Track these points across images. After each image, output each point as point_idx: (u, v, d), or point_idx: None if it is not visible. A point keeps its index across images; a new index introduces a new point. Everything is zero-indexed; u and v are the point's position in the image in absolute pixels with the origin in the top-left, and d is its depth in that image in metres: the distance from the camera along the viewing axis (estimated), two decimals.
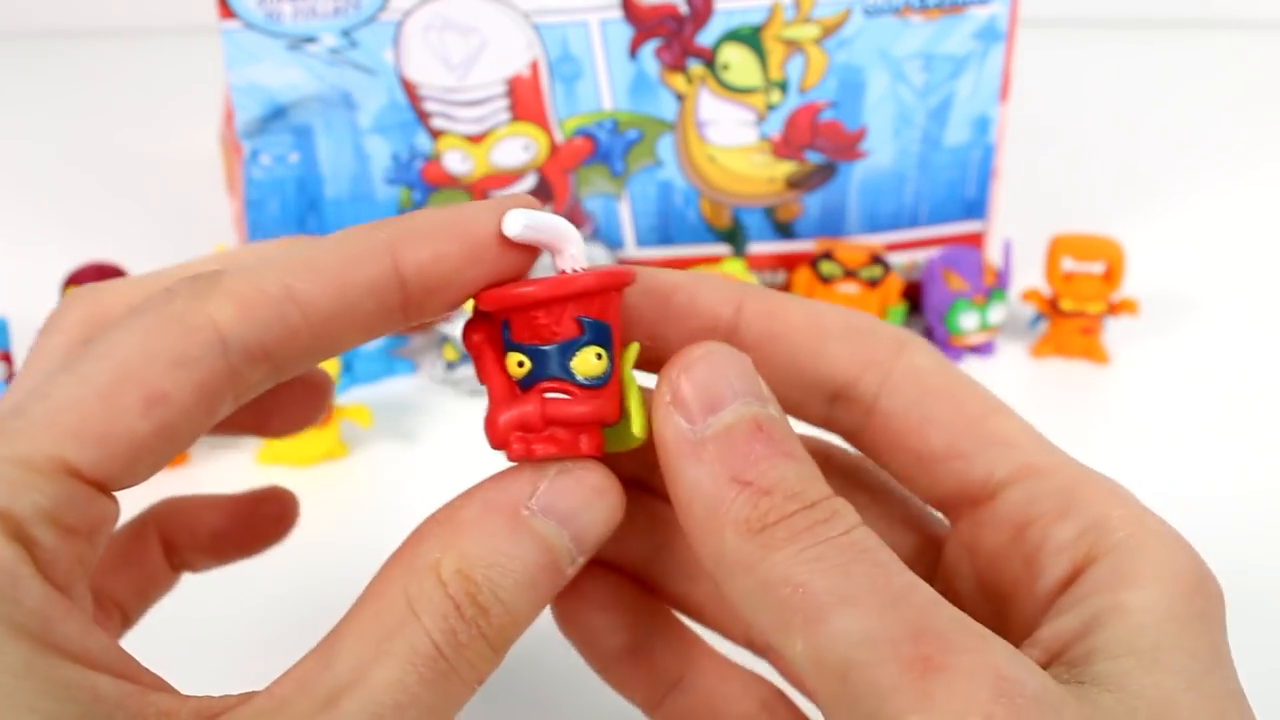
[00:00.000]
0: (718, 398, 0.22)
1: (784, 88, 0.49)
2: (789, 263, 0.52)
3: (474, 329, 0.24)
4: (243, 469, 0.45)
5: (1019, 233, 0.53)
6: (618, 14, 0.47)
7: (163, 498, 0.30)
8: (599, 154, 0.50)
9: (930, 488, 0.25)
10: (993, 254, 0.54)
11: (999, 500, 0.24)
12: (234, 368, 0.21)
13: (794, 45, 0.48)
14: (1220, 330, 0.53)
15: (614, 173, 0.50)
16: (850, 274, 0.49)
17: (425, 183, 0.49)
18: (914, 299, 0.53)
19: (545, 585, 0.22)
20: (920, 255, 0.53)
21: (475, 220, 0.23)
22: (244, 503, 0.30)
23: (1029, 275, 0.53)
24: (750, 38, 0.48)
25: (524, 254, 0.23)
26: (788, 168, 0.51)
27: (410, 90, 0.47)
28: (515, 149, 0.49)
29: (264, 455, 0.45)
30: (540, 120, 0.49)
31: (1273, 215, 0.62)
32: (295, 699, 0.20)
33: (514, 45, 0.47)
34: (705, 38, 0.48)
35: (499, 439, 0.23)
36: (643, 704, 0.28)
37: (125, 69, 0.76)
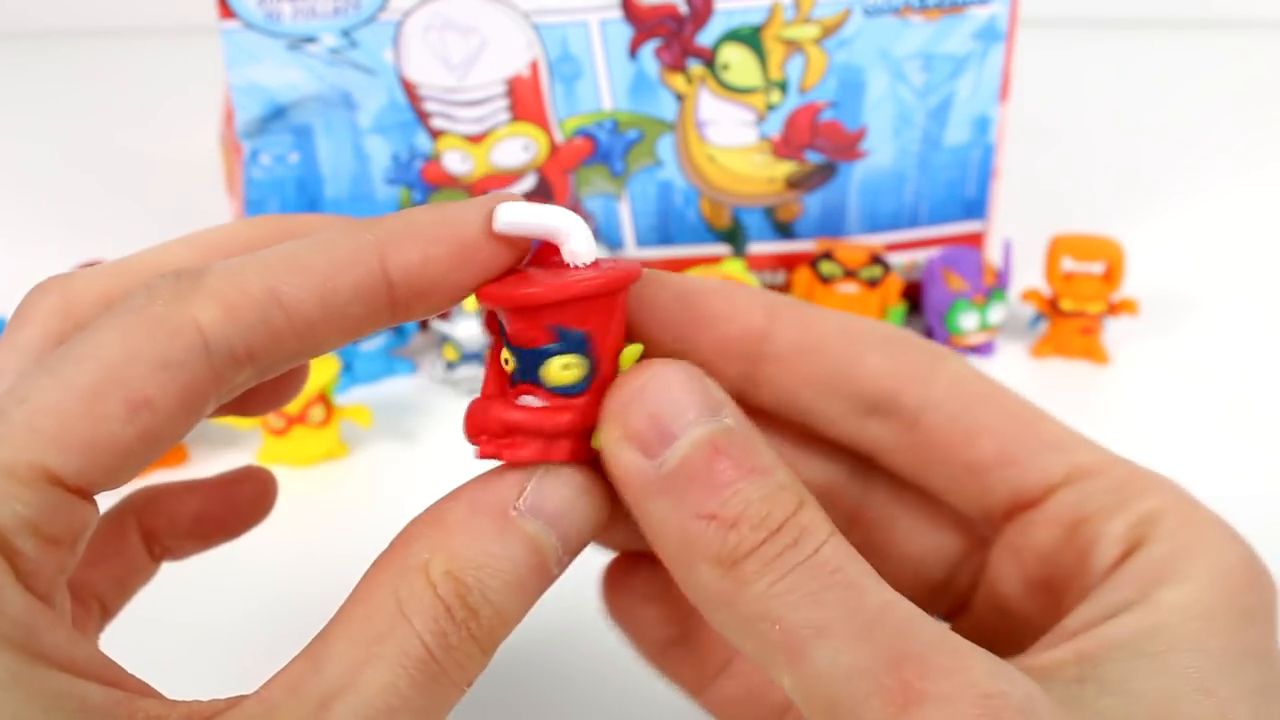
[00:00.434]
0: (670, 426, 0.21)
1: (784, 88, 0.49)
2: (789, 263, 0.52)
3: (491, 315, 0.24)
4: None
5: (1019, 233, 0.53)
6: (618, 14, 0.47)
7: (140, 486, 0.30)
8: (599, 154, 0.50)
9: (979, 497, 0.25)
10: (993, 254, 0.54)
11: (1051, 500, 0.24)
12: (218, 370, 0.21)
13: (794, 45, 0.48)
14: (1220, 330, 0.53)
15: (614, 173, 0.50)
16: (850, 274, 0.49)
17: (425, 183, 0.49)
18: (914, 299, 0.53)
19: (533, 585, 0.22)
20: (920, 255, 0.53)
21: (462, 220, 0.22)
22: (222, 485, 0.29)
23: (1029, 275, 0.53)
24: (750, 38, 0.48)
25: (513, 251, 0.23)
26: (788, 168, 0.51)
27: (410, 90, 0.47)
28: (515, 149, 0.49)
29: (263, 455, 0.45)
30: (540, 120, 0.49)
31: (1273, 215, 0.62)
32: (285, 703, 0.20)
33: (514, 45, 0.47)
34: (705, 38, 0.48)
35: (468, 435, 0.23)
36: (689, 689, 0.28)
37: (125, 69, 0.76)
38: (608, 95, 0.49)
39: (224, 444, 0.46)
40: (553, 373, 0.22)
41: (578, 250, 0.22)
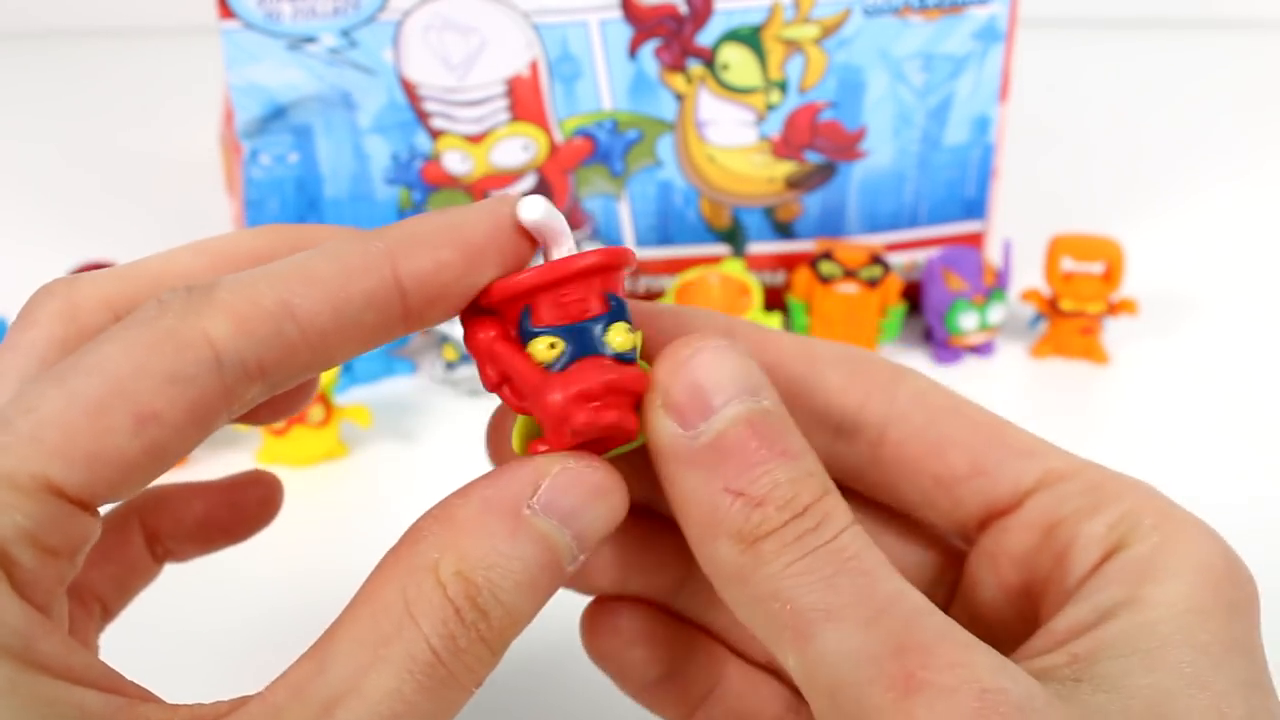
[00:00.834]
0: (709, 400, 0.22)
1: (783, 88, 0.49)
2: (788, 263, 0.52)
3: (479, 328, 0.23)
4: (243, 469, 0.45)
5: (1019, 233, 0.53)
6: (617, 14, 0.47)
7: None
8: (599, 154, 0.50)
9: (951, 511, 0.25)
10: (992, 254, 0.54)
11: (1026, 506, 0.24)
12: (229, 385, 0.21)
13: (793, 45, 0.48)
14: (1220, 330, 0.53)
15: (614, 173, 0.50)
16: (850, 274, 0.49)
17: (425, 183, 0.49)
18: (914, 299, 0.53)
19: (546, 585, 0.22)
20: (920, 255, 0.53)
21: (474, 224, 0.22)
22: (228, 489, 0.29)
23: (1029, 275, 0.53)
24: (750, 38, 0.48)
25: (522, 252, 0.23)
26: (787, 168, 0.51)
27: (410, 90, 0.47)
28: (515, 149, 0.49)
29: (263, 455, 0.45)
30: (540, 120, 0.49)
31: (1273, 215, 0.62)
32: (289, 706, 0.20)
33: (513, 45, 0.47)
34: (705, 38, 0.48)
35: (561, 414, 0.22)
36: (674, 718, 0.28)
37: (125, 69, 0.76)
38: (607, 95, 0.49)
39: (224, 444, 0.46)
40: (619, 336, 0.22)
41: (571, 249, 0.23)
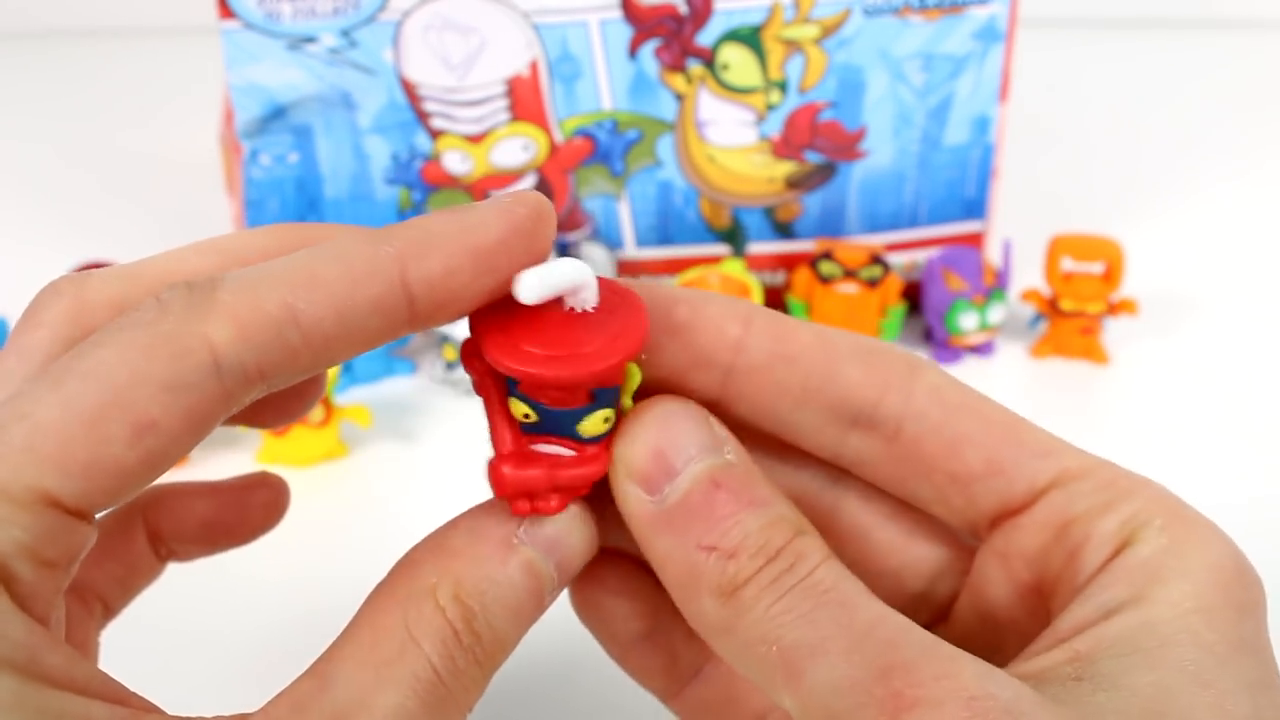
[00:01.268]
0: (671, 462, 0.22)
1: (783, 88, 0.49)
2: (788, 263, 0.52)
3: (475, 356, 0.23)
4: (242, 469, 0.45)
5: (1019, 233, 0.53)
6: (617, 14, 0.47)
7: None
8: (599, 154, 0.50)
9: (964, 508, 0.25)
10: (992, 254, 0.54)
11: (1039, 504, 0.24)
12: (228, 390, 0.20)
13: (794, 45, 0.48)
14: (1220, 330, 0.53)
15: (613, 173, 0.50)
16: (850, 274, 0.49)
17: (425, 183, 0.49)
18: (914, 299, 0.53)
19: (530, 612, 0.23)
20: (920, 255, 0.53)
21: (484, 227, 0.22)
22: (234, 491, 0.29)
23: (1029, 275, 0.53)
24: (750, 38, 0.48)
25: (537, 252, 0.22)
26: (787, 168, 0.51)
27: (410, 90, 0.47)
28: (515, 149, 0.49)
29: (263, 455, 0.45)
30: (540, 120, 0.49)
31: (1273, 215, 0.62)
32: None
33: (513, 45, 0.47)
34: (705, 38, 0.48)
35: (505, 494, 0.23)
36: (661, 693, 0.28)
37: (125, 69, 0.76)
38: (607, 95, 0.49)
39: (224, 444, 0.46)
40: (594, 425, 0.23)
41: (588, 299, 0.22)
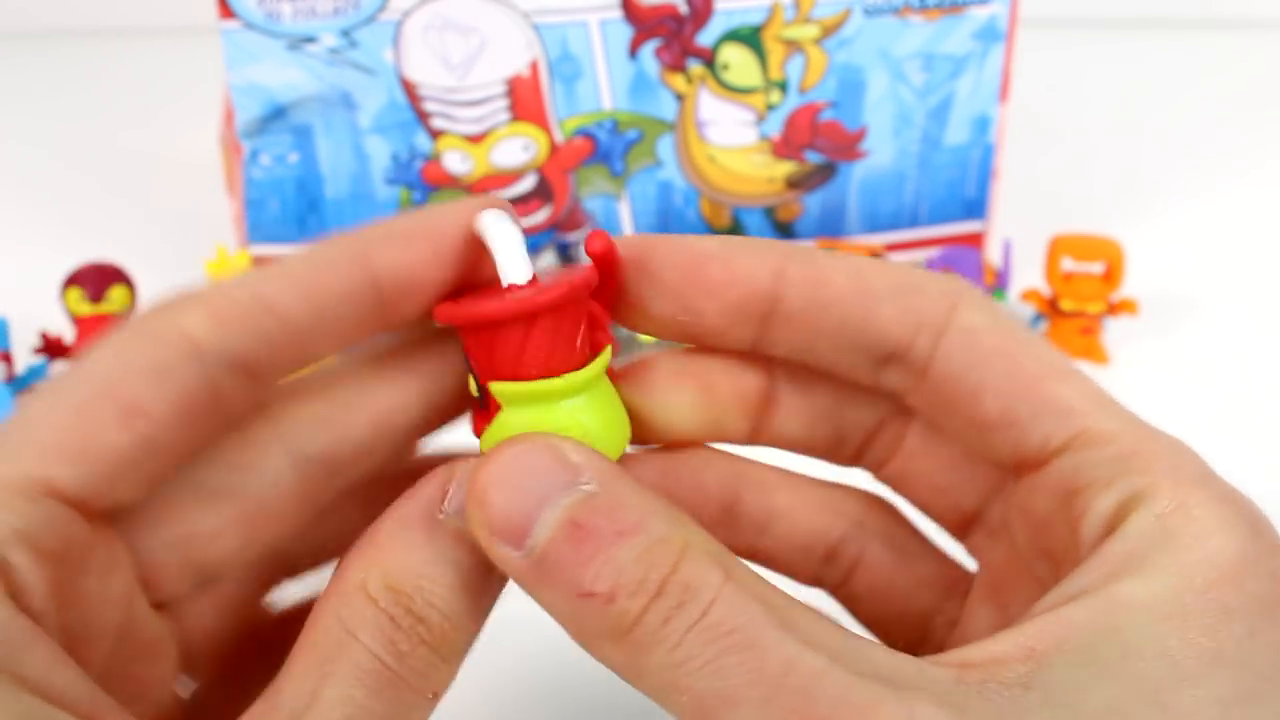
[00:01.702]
0: (526, 516, 0.20)
1: (784, 88, 0.49)
2: None
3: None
4: None
5: (1019, 233, 0.53)
6: (618, 14, 0.47)
7: None
8: (599, 154, 0.50)
9: (987, 453, 0.24)
10: (992, 254, 0.54)
11: (1050, 467, 0.23)
12: (212, 377, 0.21)
13: (794, 45, 0.48)
14: (1220, 330, 0.53)
15: (614, 173, 0.50)
16: None
17: (425, 183, 0.49)
18: None
19: (478, 584, 0.22)
20: (920, 255, 0.53)
21: (443, 219, 0.23)
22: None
23: (1029, 275, 0.53)
24: (750, 38, 0.48)
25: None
26: (788, 168, 0.51)
27: (410, 90, 0.47)
28: (515, 149, 0.49)
29: None
30: (540, 120, 0.49)
31: (1273, 215, 0.62)
32: None
33: (514, 45, 0.47)
34: (705, 38, 0.48)
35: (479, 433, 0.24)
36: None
37: (125, 69, 0.76)
38: (608, 95, 0.49)
39: None
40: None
41: (511, 279, 0.22)
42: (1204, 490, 0.21)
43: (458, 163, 0.49)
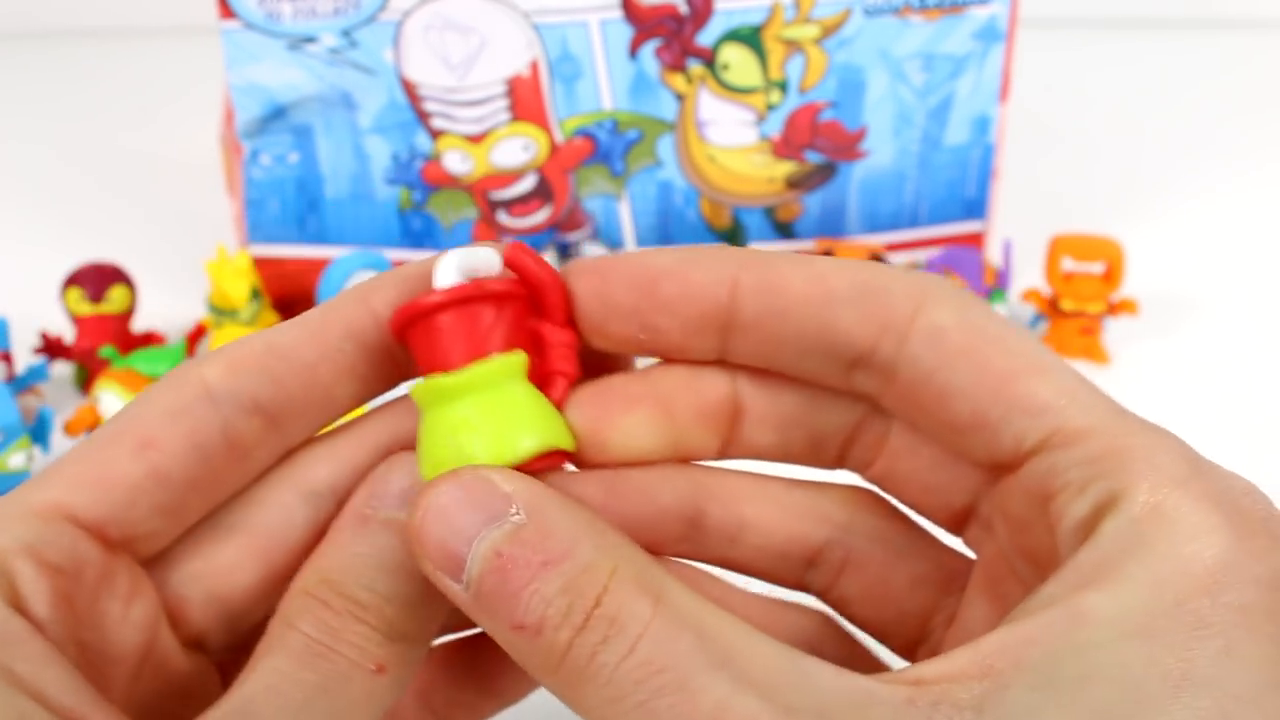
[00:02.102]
0: (458, 549, 0.21)
1: (784, 88, 0.49)
2: None
3: None
4: None
5: (1019, 233, 0.53)
6: (618, 14, 0.47)
7: None
8: (599, 154, 0.50)
9: (963, 454, 0.24)
10: (993, 254, 0.54)
11: (1024, 470, 0.22)
12: (225, 416, 0.23)
13: (794, 45, 0.48)
14: (1220, 330, 0.53)
15: (614, 173, 0.50)
16: None
17: (425, 183, 0.49)
18: None
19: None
20: (920, 255, 0.53)
21: (431, 265, 0.24)
22: None
23: (1029, 275, 0.53)
24: (750, 38, 0.48)
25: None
26: (788, 168, 0.51)
27: (410, 90, 0.47)
28: (515, 149, 0.49)
29: None
30: (540, 120, 0.49)
31: (1273, 215, 0.62)
32: None
33: (514, 45, 0.47)
34: (705, 38, 0.48)
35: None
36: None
37: (125, 69, 0.76)
38: (608, 95, 0.49)
39: None
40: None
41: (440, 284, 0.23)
42: (1183, 490, 0.20)
43: (458, 163, 0.49)
